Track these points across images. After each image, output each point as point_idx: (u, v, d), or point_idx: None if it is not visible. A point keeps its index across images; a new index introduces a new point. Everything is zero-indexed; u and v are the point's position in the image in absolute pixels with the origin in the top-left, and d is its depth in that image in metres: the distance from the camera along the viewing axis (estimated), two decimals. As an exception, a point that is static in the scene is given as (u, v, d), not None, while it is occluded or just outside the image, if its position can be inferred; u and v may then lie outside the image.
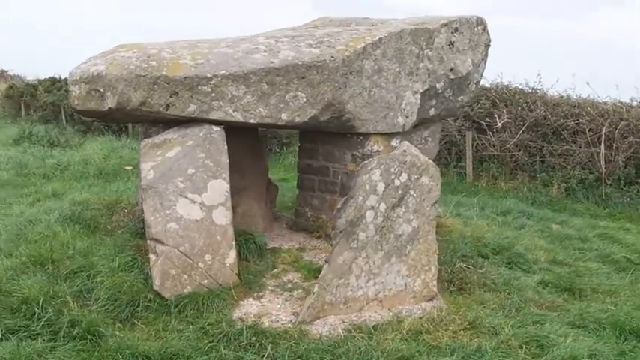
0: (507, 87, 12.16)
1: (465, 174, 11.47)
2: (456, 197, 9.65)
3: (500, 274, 5.74)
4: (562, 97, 11.61)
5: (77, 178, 9.29)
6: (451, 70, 6.63)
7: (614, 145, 10.15)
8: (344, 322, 4.58)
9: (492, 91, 12.07)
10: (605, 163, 10.06)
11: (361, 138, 6.20)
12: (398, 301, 4.93)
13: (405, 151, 4.82)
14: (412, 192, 4.86)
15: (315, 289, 4.63)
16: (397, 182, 4.78)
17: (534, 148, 11.02)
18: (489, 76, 13.38)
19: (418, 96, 6.37)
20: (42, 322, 4.13)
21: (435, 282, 5.11)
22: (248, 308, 4.77)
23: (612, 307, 5.14)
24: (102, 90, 5.48)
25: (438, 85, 6.59)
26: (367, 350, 4.04)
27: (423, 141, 7.20)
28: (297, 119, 5.62)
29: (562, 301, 5.32)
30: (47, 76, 19.98)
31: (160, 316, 4.57)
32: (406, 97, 6.23)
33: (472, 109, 11.73)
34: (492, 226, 7.90)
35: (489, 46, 7.03)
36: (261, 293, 5.04)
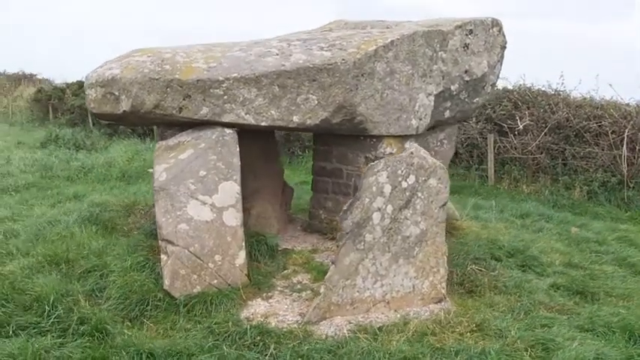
0: (530, 89, 12.03)
1: (487, 176, 11.39)
2: (476, 200, 9.61)
3: (511, 277, 5.70)
4: (585, 98, 11.45)
5: (100, 181, 9.48)
6: (466, 72, 6.61)
7: (637, 148, 9.97)
8: (350, 323, 4.61)
9: (515, 93, 11.96)
10: (628, 165, 9.89)
11: (374, 140, 6.21)
12: (405, 303, 4.93)
13: (412, 153, 4.83)
14: (420, 194, 4.86)
15: (322, 290, 4.67)
16: (404, 184, 4.78)
17: (556, 150, 10.88)
18: (512, 79, 13.33)
19: (432, 98, 6.36)
20: (52, 320, 4.25)
21: (443, 284, 5.09)
22: (256, 308, 4.82)
23: (624, 311, 5.06)
24: (117, 93, 5.60)
25: (452, 87, 6.57)
26: (369, 351, 4.05)
27: (438, 143, 7.19)
28: (308, 121, 5.66)
29: (573, 304, 5.25)
30: (75, 80, 20.40)
31: (169, 315, 4.65)
32: (419, 99, 6.23)
33: (494, 112, 11.65)
34: (510, 228, 7.85)
35: (505, 47, 6.98)
36: (270, 294, 5.10)
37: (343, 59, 5.57)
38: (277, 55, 5.70)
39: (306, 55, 5.66)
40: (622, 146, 9.96)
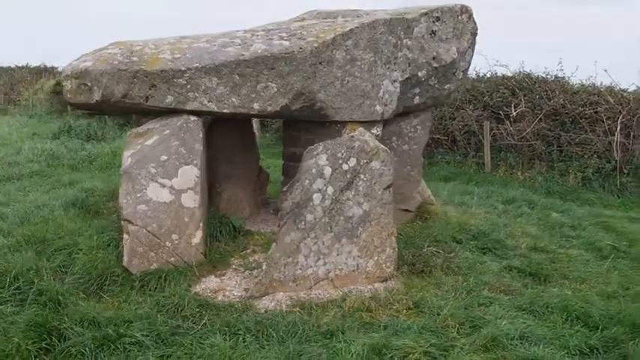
0: (529, 75, 12.00)
1: (484, 164, 11.44)
2: (464, 186, 9.72)
3: (467, 258, 5.85)
4: (583, 85, 11.38)
5: (102, 169, 9.88)
6: (434, 58, 6.74)
7: (632, 134, 9.89)
8: (291, 298, 4.85)
9: (512, 80, 11.95)
10: (622, 151, 9.83)
11: (338, 126, 6.38)
12: (350, 281, 5.13)
13: (353, 136, 5.03)
14: (362, 176, 5.06)
15: (264, 266, 4.92)
16: (345, 166, 4.99)
17: (552, 137, 10.86)
18: (512, 66, 13.34)
19: (397, 84, 6.50)
20: (11, 291, 4.61)
21: (389, 263, 5.28)
22: (208, 284, 5.11)
23: (569, 293, 5.16)
24: (89, 84, 5.92)
25: (420, 74, 6.71)
26: (295, 323, 4.28)
27: (412, 129, 7.35)
28: (269, 108, 5.89)
29: (521, 285, 5.36)
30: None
31: (125, 289, 4.96)
32: (384, 86, 6.38)
33: (491, 99, 11.67)
34: (490, 214, 7.95)
35: (476, 34, 7.09)
36: (224, 271, 5.38)
37: (300, 48, 5.78)
38: (239, 45, 5.94)
39: (265, 44, 5.89)
40: (616, 132, 9.90)
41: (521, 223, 7.52)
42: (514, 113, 10.93)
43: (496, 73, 12.75)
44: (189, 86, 5.76)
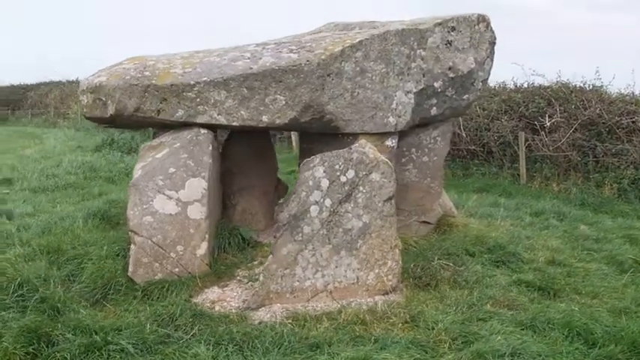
0: (566, 85, 11.66)
1: (519, 175, 11.16)
2: (495, 198, 9.52)
3: (476, 272, 5.70)
4: (621, 94, 10.97)
5: (136, 181, 10.18)
6: (450, 68, 6.65)
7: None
8: (287, 310, 4.84)
9: (549, 89, 11.63)
10: (659, 162, 9.42)
11: (350, 138, 6.35)
12: (349, 294, 5.09)
13: (351, 148, 5.01)
14: (361, 188, 5.02)
15: (260, 278, 4.95)
16: (343, 178, 4.97)
17: (588, 147, 10.50)
18: (549, 76, 13.00)
19: (412, 95, 6.44)
20: (14, 298, 4.78)
21: (391, 276, 5.21)
22: (209, 295, 5.17)
23: (577, 308, 4.96)
24: (104, 99, 6.12)
25: (436, 85, 6.63)
26: (283, 335, 4.27)
27: (432, 140, 7.26)
28: (277, 121, 5.94)
29: (527, 300, 5.18)
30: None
31: (128, 299, 5.07)
32: (397, 97, 6.34)
33: (527, 109, 11.39)
34: (514, 226, 7.77)
35: (494, 43, 6.96)
36: (227, 283, 5.43)
37: (308, 60, 5.81)
38: (248, 59, 6.02)
39: (274, 57, 5.95)
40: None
41: (545, 235, 7.31)
42: (547, 124, 10.63)
43: (533, 83, 12.49)
44: (198, 100, 5.88)
